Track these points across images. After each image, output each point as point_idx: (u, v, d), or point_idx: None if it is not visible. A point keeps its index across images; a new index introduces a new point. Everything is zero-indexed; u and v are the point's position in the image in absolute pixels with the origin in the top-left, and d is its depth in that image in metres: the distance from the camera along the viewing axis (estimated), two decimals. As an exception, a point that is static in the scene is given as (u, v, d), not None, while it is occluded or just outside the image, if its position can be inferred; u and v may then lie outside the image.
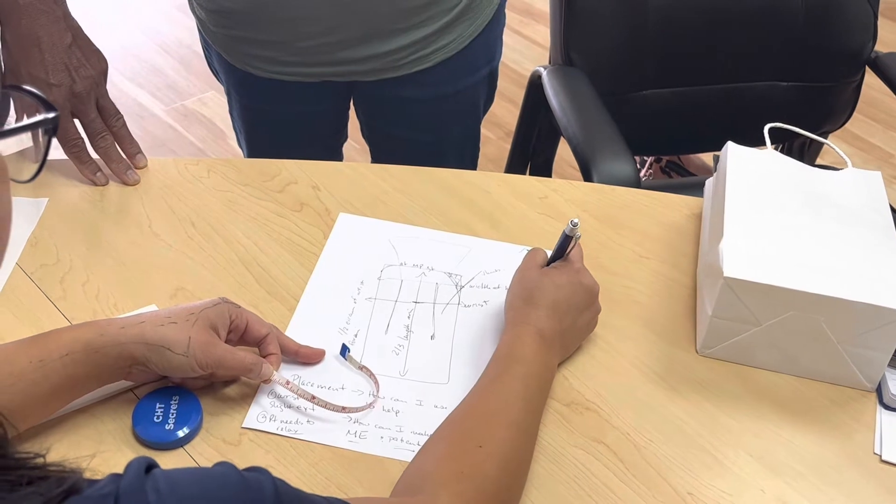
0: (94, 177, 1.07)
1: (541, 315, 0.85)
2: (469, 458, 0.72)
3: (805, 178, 1.01)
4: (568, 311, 0.87)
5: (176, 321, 0.79)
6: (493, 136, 2.55)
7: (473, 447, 0.73)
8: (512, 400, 0.78)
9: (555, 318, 0.86)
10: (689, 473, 0.83)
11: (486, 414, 0.77)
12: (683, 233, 1.07)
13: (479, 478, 0.71)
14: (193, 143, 2.54)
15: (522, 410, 0.78)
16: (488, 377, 0.81)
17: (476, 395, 0.79)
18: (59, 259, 0.98)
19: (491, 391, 0.79)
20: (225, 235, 1.02)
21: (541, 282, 0.88)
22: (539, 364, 0.82)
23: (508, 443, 0.75)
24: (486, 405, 0.78)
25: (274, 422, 0.84)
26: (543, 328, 0.85)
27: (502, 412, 0.77)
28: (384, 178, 1.11)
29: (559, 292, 0.87)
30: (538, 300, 0.86)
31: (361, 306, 0.96)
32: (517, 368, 0.81)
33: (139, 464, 0.53)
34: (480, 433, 0.75)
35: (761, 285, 0.87)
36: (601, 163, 1.36)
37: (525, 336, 0.84)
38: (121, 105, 1.11)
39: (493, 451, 0.73)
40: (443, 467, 0.72)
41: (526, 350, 0.83)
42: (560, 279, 0.88)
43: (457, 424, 0.76)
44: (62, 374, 0.76)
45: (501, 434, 0.75)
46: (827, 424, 0.88)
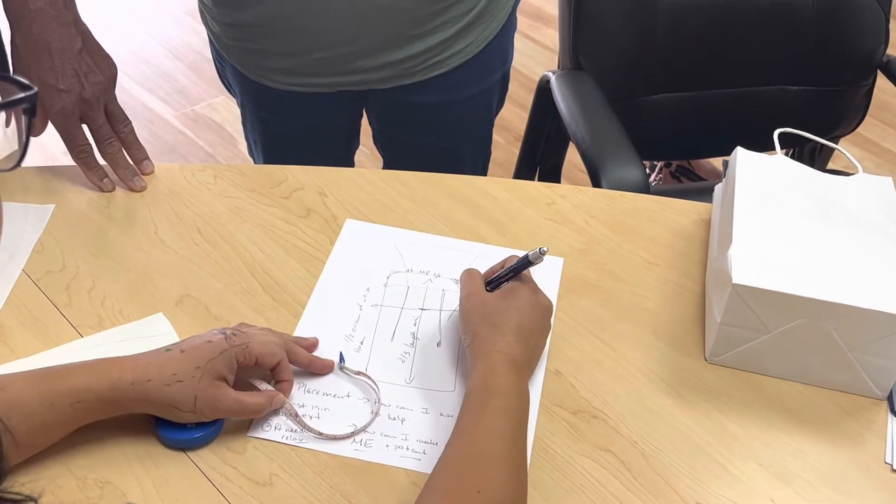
0: (100, 183, 1.07)
1: (509, 341, 0.83)
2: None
3: (815, 184, 1.00)
4: (532, 332, 0.86)
5: (182, 378, 0.78)
6: (502, 140, 2.55)
7: (472, 494, 0.71)
8: (497, 437, 0.76)
9: (522, 342, 0.84)
10: (697, 483, 0.82)
11: (477, 456, 0.74)
12: (692, 239, 1.07)
13: None
14: (203, 147, 2.55)
15: (511, 446, 0.76)
16: (469, 415, 0.78)
17: (461, 436, 0.77)
18: (66, 265, 0.97)
19: (474, 431, 0.77)
20: (231, 242, 1.02)
21: (501, 307, 0.85)
22: (516, 393, 0.80)
23: (504, 482, 0.73)
24: (472, 447, 0.75)
25: (279, 431, 0.83)
26: (513, 354, 0.82)
27: (492, 452, 0.75)
28: (391, 184, 1.11)
29: (521, 315, 0.85)
30: (503, 326, 0.84)
31: (367, 313, 0.95)
32: (497, 403, 0.78)
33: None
34: (475, 478, 0.72)
35: (770, 292, 0.86)
36: (610, 168, 1.35)
37: (498, 366, 0.81)
38: (131, 110, 1.11)
39: (492, 495, 0.71)
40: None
41: (501, 381, 0.80)
42: (520, 301, 0.86)
43: (450, 471, 0.74)
44: (72, 417, 0.76)
45: (496, 475, 0.73)
46: (837, 433, 0.87)
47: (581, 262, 1.03)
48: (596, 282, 1.00)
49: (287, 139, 1.41)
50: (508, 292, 0.88)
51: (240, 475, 0.80)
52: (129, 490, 0.78)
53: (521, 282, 0.89)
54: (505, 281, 0.90)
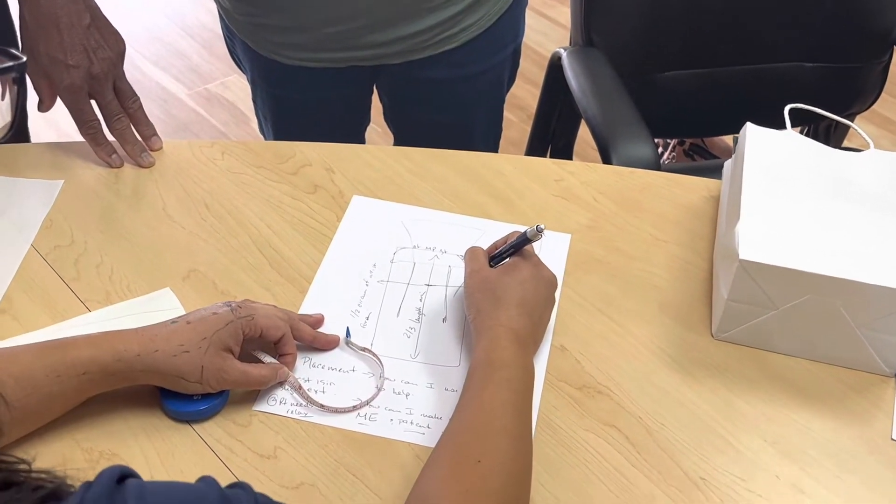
0: (109, 158, 1.07)
1: (512, 315, 0.83)
2: (471, 476, 0.70)
3: (825, 160, 0.99)
4: (535, 306, 0.86)
5: (188, 349, 0.78)
6: (515, 118, 2.54)
7: (473, 463, 0.71)
8: (501, 409, 0.76)
9: (526, 316, 0.84)
10: (702, 458, 0.82)
11: (479, 427, 0.75)
12: (701, 215, 1.06)
13: (484, 493, 0.69)
14: (216, 126, 2.55)
15: (513, 417, 0.76)
16: (473, 388, 0.78)
17: (465, 408, 0.77)
18: (74, 241, 0.98)
19: (479, 403, 0.77)
20: (238, 218, 1.02)
21: (504, 281, 0.86)
22: (519, 366, 0.80)
23: (506, 453, 0.73)
24: (475, 419, 0.76)
25: (284, 405, 0.84)
26: (517, 328, 0.82)
27: (493, 423, 0.75)
28: (398, 160, 1.11)
29: (524, 289, 0.85)
30: (506, 300, 0.84)
31: (373, 289, 0.95)
32: (500, 375, 0.78)
33: (111, 473, 0.50)
34: (477, 448, 0.73)
35: (777, 268, 0.85)
36: (620, 145, 1.34)
37: (501, 339, 0.81)
38: (144, 89, 1.12)
39: (493, 464, 0.71)
40: (447, 489, 0.69)
41: (505, 354, 0.80)
42: (522, 275, 0.86)
43: (452, 443, 0.74)
44: (77, 389, 0.77)
45: (497, 445, 0.73)
46: (844, 410, 0.87)
47: (589, 239, 1.02)
48: (603, 258, 1.00)
49: (297, 115, 1.41)
50: (511, 267, 0.88)
51: (244, 448, 0.80)
52: (135, 462, 0.78)
53: (523, 257, 0.89)
54: (507, 257, 0.90)
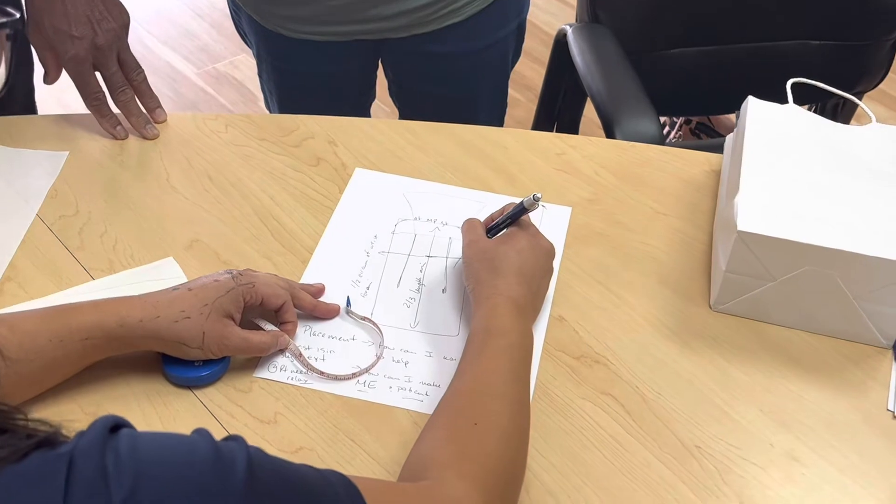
0: (114, 130, 1.08)
1: (510, 283, 0.83)
2: (467, 438, 0.71)
3: (826, 134, 0.99)
4: (533, 274, 0.86)
5: (190, 315, 0.79)
6: (522, 98, 2.54)
7: (469, 426, 0.72)
8: (498, 374, 0.77)
9: (524, 285, 0.84)
10: (697, 427, 0.82)
11: (476, 392, 0.75)
12: (702, 189, 1.06)
13: (481, 455, 0.70)
14: (225, 105, 2.56)
15: (510, 382, 0.76)
16: (471, 355, 0.79)
17: (462, 374, 0.78)
18: (79, 210, 0.99)
19: (476, 369, 0.77)
20: (241, 189, 1.03)
21: (501, 250, 0.86)
22: (517, 333, 0.80)
23: (502, 416, 0.74)
24: (473, 383, 0.76)
25: (285, 371, 0.85)
26: (515, 296, 0.83)
27: (490, 387, 0.75)
28: (401, 133, 1.11)
29: (522, 258, 0.85)
30: (504, 269, 0.84)
31: (374, 260, 0.96)
32: (498, 342, 0.79)
33: (104, 423, 0.51)
34: (473, 411, 0.73)
35: (775, 239, 0.86)
36: (624, 121, 1.34)
37: (499, 307, 0.81)
38: (153, 68, 1.13)
39: (489, 426, 0.72)
40: (443, 450, 0.70)
41: (503, 321, 0.80)
42: (520, 244, 0.87)
43: (449, 407, 0.75)
44: (81, 354, 0.78)
45: (494, 408, 0.74)
46: (841, 381, 0.87)
47: (589, 212, 1.03)
48: (603, 231, 1.01)
49: (302, 89, 1.41)
50: (509, 237, 0.88)
51: (245, 413, 0.81)
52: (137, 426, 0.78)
53: (520, 227, 0.89)
54: (504, 227, 0.90)
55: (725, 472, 0.79)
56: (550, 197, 1.04)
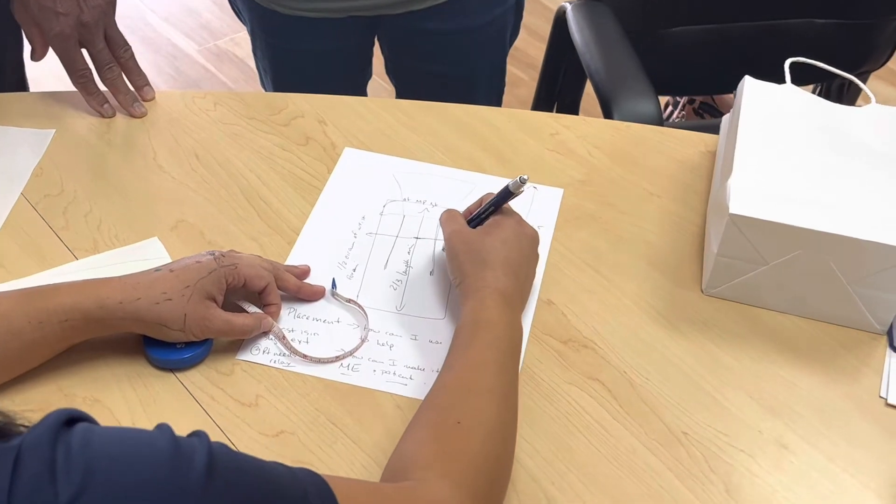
0: (101, 108, 1.07)
1: (497, 275, 0.81)
2: (450, 437, 0.69)
3: (824, 114, 0.97)
4: (520, 264, 0.84)
5: (171, 297, 0.78)
6: (525, 76, 2.51)
7: (452, 424, 0.70)
8: (483, 369, 0.75)
9: (511, 275, 0.82)
10: (684, 413, 0.81)
11: (460, 388, 0.73)
12: (697, 170, 1.04)
13: (463, 455, 0.68)
14: (226, 83, 2.54)
15: (496, 376, 0.74)
16: (458, 349, 0.77)
17: (448, 369, 0.76)
18: (64, 190, 0.98)
19: (461, 364, 0.75)
20: (228, 168, 1.01)
21: (487, 241, 0.83)
22: (505, 326, 0.78)
23: (487, 413, 0.72)
24: (458, 379, 0.74)
25: (267, 354, 0.84)
26: (503, 288, 0.80)
27: (476, 383, 0.74)
28: (392, 112, 1.10)
29: (508, 248, 0.83)
30: (490, 261, 0.82)
31: (361, 241, 0.95)
32: (484, 335, 0.77)
33: (58, 416, 0.49)
34: (457, 409, 0.71)
35: (767, 223, 0.84)
36: (623, 101, 1.32)
37: (487, 300, 0.79)
38: (154, 45, 1.11)
39: (473, 425, 0.70)
40: (425, 450, 0.68)
41: (490, 314, 0.78)
42: (505, 234, 0.84)
43: (433, 404, 0.73)
44: (59, 336, 0.77)
45: (478, 405, 0.72)
46: (833, 367, 0.86)
47: (581, 193, 1.01)
48: (595, 213, 0.99)
49: (296, 67, 1.40)
50: (492, 227, 0.86)
51: (226, 396, 0.80)
52: (117, 408, 0.79)
53: (503, 215, 0.87)
54: (486, 216, 0.88)
55: (712, 459, 0.78)
56: (542, 178, 1.02)
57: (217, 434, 0.77)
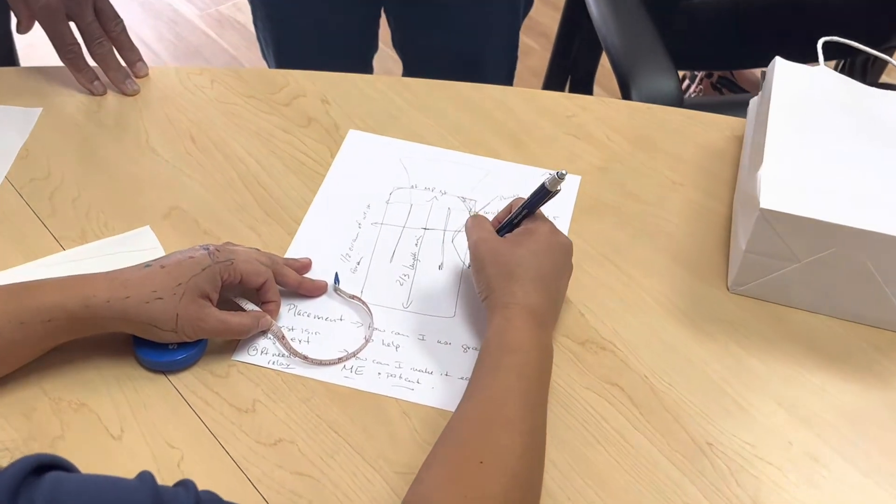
0: (91, 85, 1.01)
1: (528, 290, 0.74)
2: (471, 479, 0.63)
3: (860, 100, 0.91)
4: (553, 278, 0.77)
5: (162, 296, 0.73)
6: (537, 46, 2.44)
7: (475, 465, 0.63)
8: (510, 399, 0.68)
9: (543, 291, 0.75)
10: (709, 422, 0.76)
11: (483, 421, 0.67)
12: (722, 156, 0.99)
13: (485, 498, 0.62)
14: (227, 50, 2.47)
15: (522, 408, 0.68)
16: (482, 374, 0.71)
17: (470, 399, 0.69)
18: (51, 173, 0.93)
19: (485, 393, 0.69)
20: (225, 151, 0.96)
21: (517, 253, 0.76)
22: (535, 349, 0.72)
23: (511, 452, 0.65)
24: (481, 411, 0.68)
25: (266, 355, 0.79)
26: (534, 305, 0.74)
27: (500, 416, 0.67)
28: (400, 92, 1.04)
29: (540, 260, 0.76)
30: (520, 274, 0.75)
31: (366, 231, 0.89)
32: (511, 360, 0.71)
33: (24, 464, 0.44)
34: (479, 447, 0.65)
35: (801, 219, 0.78)
36: (641, 78, 1.26)
37: (515, 319, 0.73)
38: (154, 11, 1.05)
39: (496, 465, 0.64)
40: (445, 495, 0.62)
41: (518, 335, 0.72)
42: (537, 245, 0.77)
43: (453, 439, 0.67)
44: (42, 336, 0.72)
45: (502, 443, 0.65)
46: (867, 372, 0.80)
47: (599, 181, 0.95)
48: (614, 202, 0.93)
49: (299, 40, 1.34)
50: (523, 236, 0.78)
51: (221, 400, 0.75)
52: (105, 413, 0.74)
53: (535, 222, 0.80)
54: (518, 221, 0.80)
55: (739, 473, 0.73)
56: (559, 164, 0.96)
57: (211, 443, 0.72)
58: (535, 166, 0.96)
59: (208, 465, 0.71)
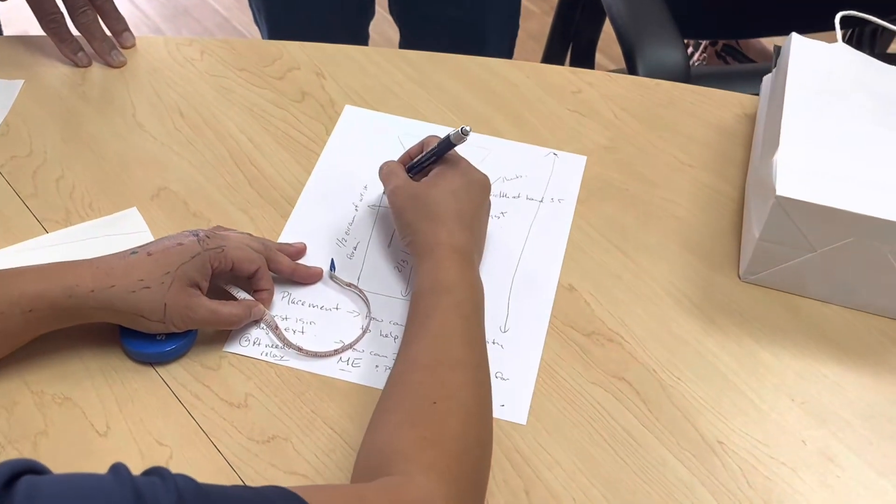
0: (74, 57, 0.96)
1: (452, 230, 0.75)
2: (428, 421, 0.62)
3: (881, 80, 0.87)
4: (474, 216, 0.78)
5: (149, 285, 0.69)
6: (536, 9, 2.38)
7: (429, 405, 0.63)
8: (452, 338, 0.68)
9: (466, 229, 0.75)
10: (720, 418, 0.73)
11: (430, 363, 0.67)
12: (734, 137, 0.95)
13: (445, 440, 0.61)
14: (218, 11, 2.40)
15: (466, 346, 0.68)
16: (419, 319, 0.70)
17: (413, 342, 0.69)
18: (33, 150, 0.88)
19: (428, 335, 0.69)
20: (216, 128, 0.92)
21: (435, 194, 0.77)
22: (467, 287, 0.72)
23: (462, 390, 0.65)
24: (427, 353, 0.67)
25: (258, 346, 0.75)
26: (458, 244, 0.74)
27: (445, 356, 0.67)
28: (398, 65, 0.99)
29: (459, 199, 0.77)
30: (442, 215, 0.75)
31: (363, 214, 0.85)
32: (447, 300, 0.70)
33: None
34: (431, 387, 0.65)
35: (819, 207, 0.75)
36: (647, 49, 1.21)
37: (444, 260, 0.73)
38: None
39: (450, 405, 0.63)
40: (402, 438, 0.61)
41: (450, 276, 0.72)
42: (454, 185, 0.77)
43: (403, 383, 0.66)
44: (23, 327, 0.69)
45: (452, 381, 0.65)
46: (883, 366, 0.77)
47: (606, 161, 0.92)
48: (621, 184, 0.90)
49: (293, 7, 1.28)
50: (439, 177, 0.78)
51: (212, 394, 0.72)
52: (90, 407, 0.71)
53: (449, 163, 0.79)
54: (428, 166, 0.80)
55: (750, 473, 0.70)
56: (563, 143, 0.93)
57: (202, 440, 0.69)
58: (539, 146, 0.92)
59: (198, 463, 0.68)
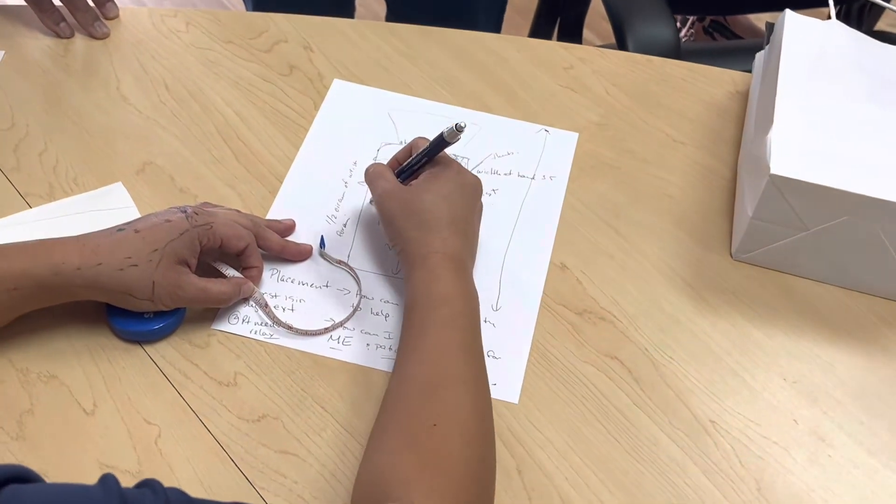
0: (56, 27, 0.94)
1: (445, 237, 0.72)
2: (427, 444, 0.60)
3: (875, 58, 0.87)
4: (467, 221, 0.75)
5: (137, 262, 0.68)
6: (522, -17, 2.35)
7: (428, 428, 0.61)
8: (449, 353, 0.66)
9: (459, 235, 0.73)
10: (712, 398, 0.73)
11: (428, 382, 0.64)
12: (726, 114, 0.94)
13: (447, 462, 0.60)
14: (201, -19, 2.37)
15: (464, 361, 0.66)
16: (415, 333, 0.68)
17: (409, 359, 0.66)
18: (14, 123, 0.86)
19: (424, 351, 0.66)
20: (202, 101, 0.90)
21: (427, 200, 0.73)
22: (463, 298, 0.70)
23: (462, 410, 0.63)
24: (424, 370, 0.65)
25: (247, 324, 0.74)
26: (453, 251, 0.72)
27: (444, 375, 0.65)
28: (387, 39, 0.98)
29: (452, 204, 0.74)
30: (433, 222, 0.73)
31: (353, 191, 0.84)
32: (442, 313, 0.68)
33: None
34: (430, 409, 0.62)
35: (813, 185, 0.74)
36: (637, 24, 1.20)
37: (438, 269, 0.70)
38: None
39: (451, 425, 0.61)
40: (402, 462, 0.59)
41: (445, 287, 0.69)
42: (446, 189, 0.74)
43: (401, 403, 0.64)
44: (7, 306, 0.67)
45: (452, 400, 0.63)
46: (875, 346, 0.77)
47: (598, 138, 0.91)
48: (613, 161, 0.89)
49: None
50: (430, 181, 0.75)
51: (201, 373, 0.71)
52: (77, 386, 0.70)
53: (440, 165, 0.76)
54: (419, 168, 0.77)
55: (743, 453, 0.70)
56: (555, 120, 0.92)
57: (191, 419, 0.68)
58: (530, 122, 0.91)
59: (187, 442, 0.67)
